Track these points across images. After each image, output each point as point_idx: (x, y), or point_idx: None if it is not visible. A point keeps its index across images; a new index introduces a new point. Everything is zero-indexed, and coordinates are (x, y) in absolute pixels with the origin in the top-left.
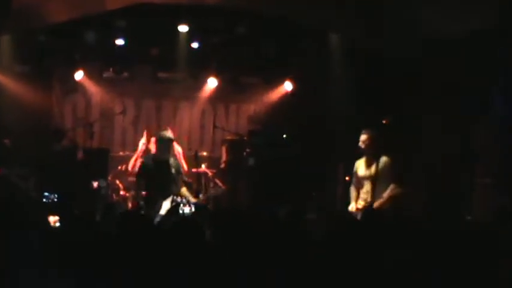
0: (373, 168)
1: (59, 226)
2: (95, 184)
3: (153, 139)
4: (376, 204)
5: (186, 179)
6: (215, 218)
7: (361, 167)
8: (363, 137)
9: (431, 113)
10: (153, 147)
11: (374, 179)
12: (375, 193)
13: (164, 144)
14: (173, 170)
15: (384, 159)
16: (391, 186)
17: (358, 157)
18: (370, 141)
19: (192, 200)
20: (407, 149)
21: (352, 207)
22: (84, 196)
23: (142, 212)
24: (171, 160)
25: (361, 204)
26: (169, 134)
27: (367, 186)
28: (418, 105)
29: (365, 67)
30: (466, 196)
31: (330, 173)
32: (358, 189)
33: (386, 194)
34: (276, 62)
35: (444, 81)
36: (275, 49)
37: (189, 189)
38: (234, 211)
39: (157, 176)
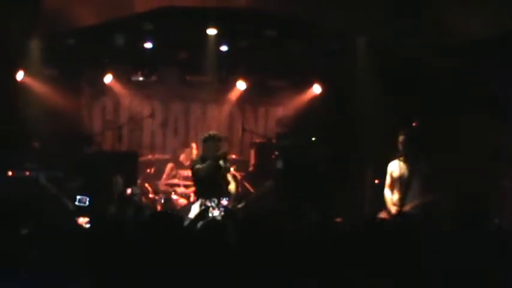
0: (408, 170)
1: (88, 227)
2: (128, 191)
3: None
4: (406, 208)
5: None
6: (243, 221)
7: (396, 168)
8: (401, 138)
9: (459, 115)
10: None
11: (408, 181)
12: (407, 195)
13: (213, 144)
14: (222, 169)
15: (418, 162)
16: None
17: (392, 159)
18: (407, 142)
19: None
20: (436, 151)
21: (390, 210)
22: (116, 200)
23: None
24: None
25: (393, 209)
26: (216, 133)
27: (399, 188)
28: (446, 107)
29: (393, 69)
30: (494, 199)
31: (359, 175)
32: (393, 191)
33: (414, 203)
34: (304, 65)
35: (473, 83)
36: (303, 52)
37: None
38: (263, 214)
39: (208, 176)
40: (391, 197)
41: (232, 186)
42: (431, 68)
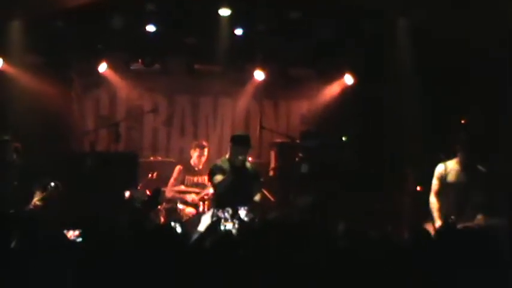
0: (466, 176)
1: (79, 241)
2: (127, 194)
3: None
4: (460, 226)
5: None
6: (262, 234)
7: (451, 172)
8: (459, 138)
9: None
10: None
11: (467, 189)
12: (464, 205)
13: (241, 147)
14: (251, 175)
15: (479, 169)
16: (480, 217)
17: (441, 160)
18: (465, 144)
19: None
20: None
21: (437, 223)
22: (112, 208)
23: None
24: (248, 164)
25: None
26: (246, 135)
27: (454, 196)
28: (500, 102)
29: (438, 58)
30: None
31: (396, 181)
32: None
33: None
34: (334, 52)
35: None
36: (332, 36)
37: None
38: (284, 227)
39: (234, 182)
40: (438, 206)
41: (257, 196)
42: (482, 56)
